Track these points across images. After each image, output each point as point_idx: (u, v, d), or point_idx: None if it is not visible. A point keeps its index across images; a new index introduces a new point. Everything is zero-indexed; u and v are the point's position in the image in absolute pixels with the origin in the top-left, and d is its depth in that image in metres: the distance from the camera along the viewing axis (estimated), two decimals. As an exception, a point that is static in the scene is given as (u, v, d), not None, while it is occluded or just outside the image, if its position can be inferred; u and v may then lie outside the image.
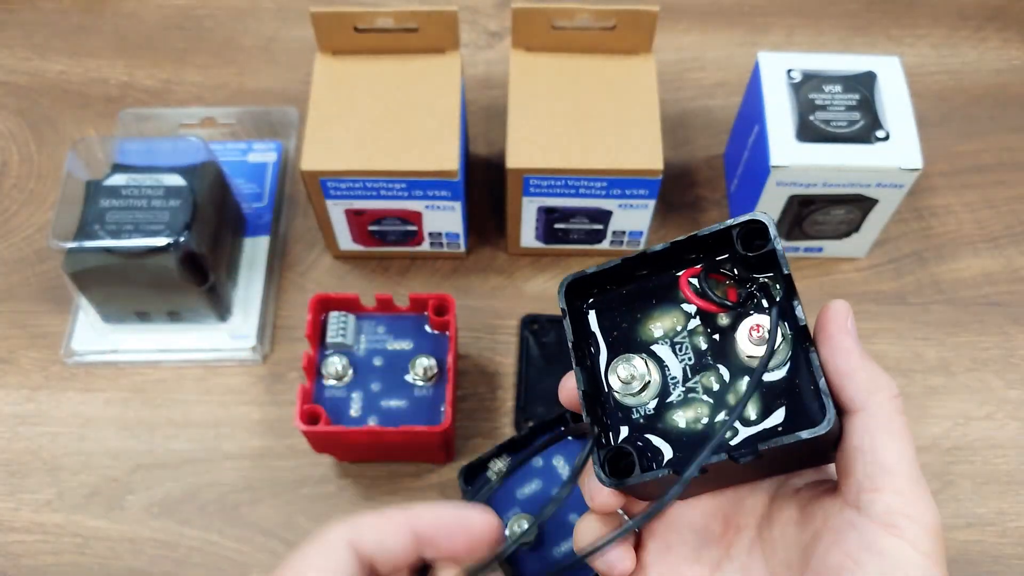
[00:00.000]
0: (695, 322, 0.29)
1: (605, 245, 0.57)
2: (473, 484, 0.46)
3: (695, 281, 0.29)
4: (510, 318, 0.55)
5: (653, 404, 0.28)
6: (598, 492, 0.28)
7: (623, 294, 0.30)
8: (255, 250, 0.57)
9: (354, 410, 0.47)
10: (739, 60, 0.66)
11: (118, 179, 0.50)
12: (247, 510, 0.49)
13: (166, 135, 0.61)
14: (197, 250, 0.49)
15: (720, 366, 0.28)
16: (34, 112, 0.63)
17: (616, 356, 0.29)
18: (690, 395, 0.28)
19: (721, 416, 0.28)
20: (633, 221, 0.54)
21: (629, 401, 0.29)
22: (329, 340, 0.48)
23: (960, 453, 0.51)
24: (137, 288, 0.50)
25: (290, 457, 0.51)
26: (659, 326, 0.29)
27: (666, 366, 0.29)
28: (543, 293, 0.56)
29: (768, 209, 0.53)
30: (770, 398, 0.27)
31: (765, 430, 0.27)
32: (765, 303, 0.28)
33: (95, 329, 0.54)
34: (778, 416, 0.27)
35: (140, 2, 0.68)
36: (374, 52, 0.53)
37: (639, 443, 0.28)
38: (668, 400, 0.28)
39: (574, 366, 0.29)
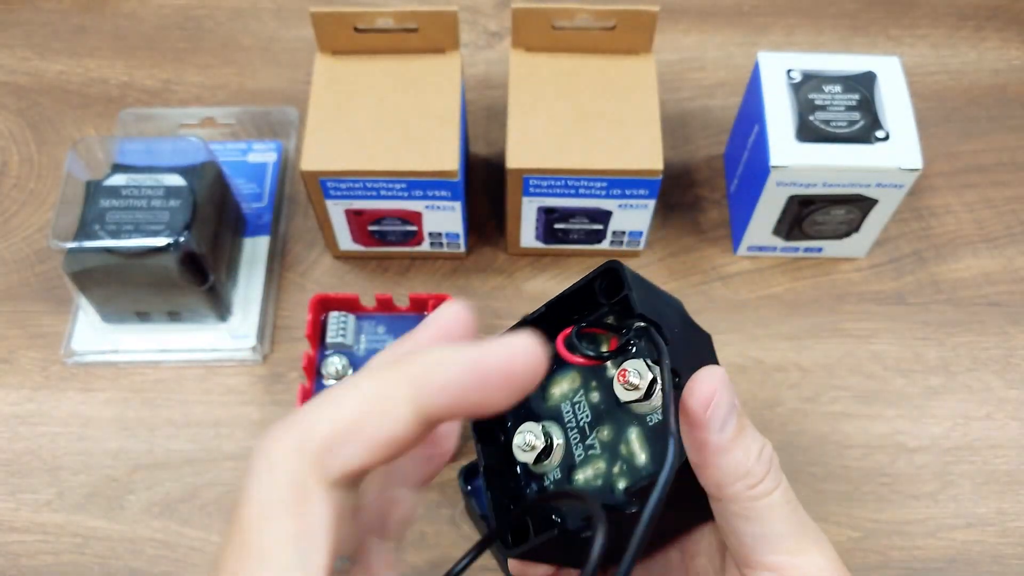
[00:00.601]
0: (588, 378, 0.28)
1: (605, 245, 0.57)
2: (474, 484, 0.46)
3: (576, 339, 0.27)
4: (510, 318, 0.55)
5: (559, 468, 0.28)
6: (514, 567, 0.29)
7: None
8: (255, 250, 0.57)
9: (354, 410, 0.47)
10: (739, 60, 0.66)
11: (118, 179, 0.50)
12: (247, 510, 0.49)
13: (166, 135, 0.61)
14: (197, 250, 0.49)
15: (613, 417, 0.27)
16: (34, 112, 0.63)
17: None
18: (590, 452, 0.27)
19: (616, 468, 0.27)
20: (633, 221, 0.54)
21: (539, 469, 0.28)
22: (329, 340, 0.48)
23: (960, 453, 0.51)
24: (137, 288, 0.50)
25: (290, 457, 0.51)
26: (560, 389, 0.29)
27: (570, 426, 0.28)
28: (543, 293, 0.56)
29: (768, 209, 0.53)
30: (653, 444, 0.26)
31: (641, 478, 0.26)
32: (644, 345, 0.27)
33: (95, 329, 0.54)
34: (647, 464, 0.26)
35: (140, 2, 0.68)
36: (374, 52, 0.53)
37: (548, 509, 0.27)
38: (572, 462, 0.28)
39: (475, 442, 0.28)
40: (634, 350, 0.27)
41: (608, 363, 0.28)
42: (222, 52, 0.66)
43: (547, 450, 0.28)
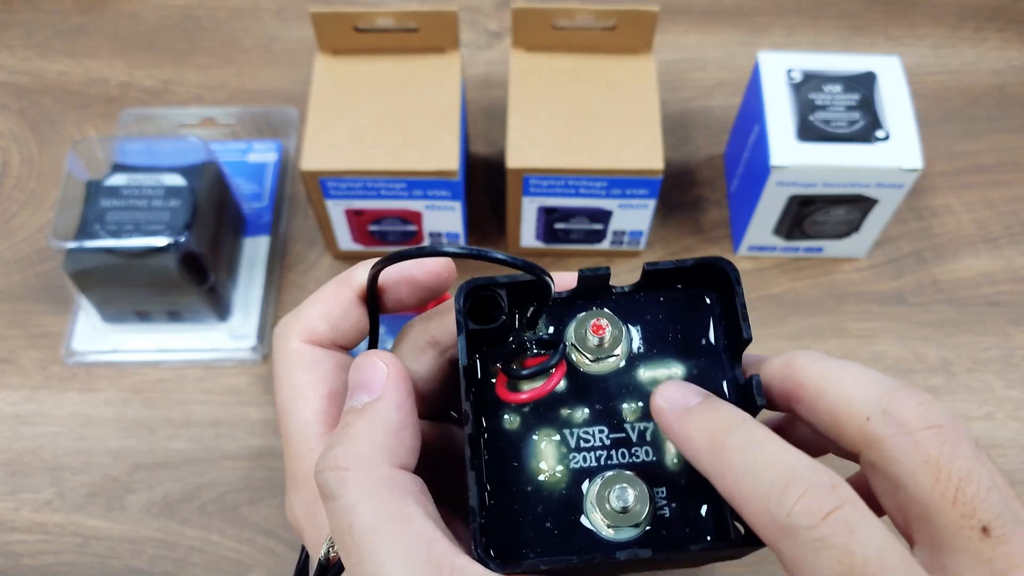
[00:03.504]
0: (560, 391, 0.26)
1: (605, 245, 0.57)
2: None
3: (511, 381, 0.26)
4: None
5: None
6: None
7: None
8: (255, 250, 0.57)
9: (354, 410, 0.47)
10: (739, 60, 0.66)
11: (118, 179, 0.50)
12: (247, 510, 0.49)
13: (166, 135, 0.61)
14: (197, 250, 0.49)
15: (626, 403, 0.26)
16: (35, 112, 0.63)
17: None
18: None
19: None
20: (633, 221, 0.54)
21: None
22: (329, 340, 0.48)
23: (960, 453, 0.51)
24: (137, 288, 0.50)
25: (290, 457, 0.51)
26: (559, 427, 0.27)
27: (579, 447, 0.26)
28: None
29: (768, 209, 0.53)
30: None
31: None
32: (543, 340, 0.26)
33: (95, 329, 0.54)
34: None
35: (140, 2, 0.68)
36: (374, 52, 0.53)
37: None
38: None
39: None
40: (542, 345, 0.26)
41: (554, 375, 0.26)
42: (222, 52, 0.66)
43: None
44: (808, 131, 0.51)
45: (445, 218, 0.53)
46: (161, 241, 0.48)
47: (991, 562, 0.20)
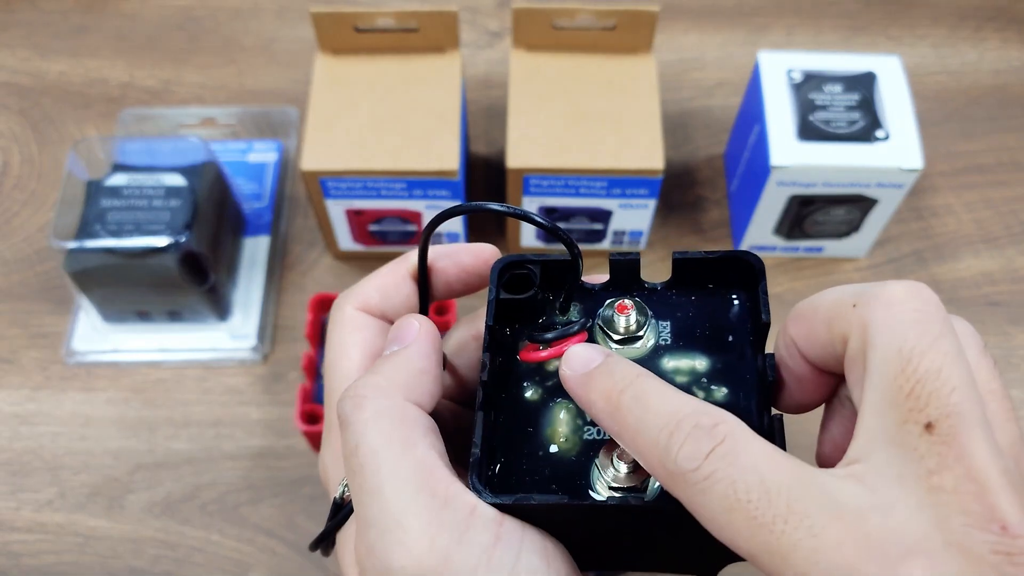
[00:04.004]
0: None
1: (605, 245, 0.57)
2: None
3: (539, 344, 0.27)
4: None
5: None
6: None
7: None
8: (255, 250, 0.57)
9: (354, 410, 0.47)
10: (739, 60, 0.66)
11: (119, 179, 0.50)
12: (247, 510, 0.49)
13: (166, 135, 0.62)
14: (197, 250, 0.49)
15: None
16: (35, 112, 0.63)
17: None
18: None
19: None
20: (634, 221, 0.54)
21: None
22: (329, 340, 0.48)
23: (960, 453, 0.51)
24: (138, 288, 0.51)
25: (290, 457, 0.51)
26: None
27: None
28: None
29: (768, 209, 0.53)
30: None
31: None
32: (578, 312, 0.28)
33: (96, 329, 0.54)
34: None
35: (140, 2, 0.68)
36: (374, 52, 0.53)
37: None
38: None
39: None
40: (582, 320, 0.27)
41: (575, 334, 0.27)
42: (223, 52, 0.66)
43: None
44: (808, 131, 0.51)
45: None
46: (161, 241, 0.48)
47: (921, 459, 0.19)
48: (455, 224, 0.54)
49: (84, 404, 0.52)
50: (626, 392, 0.22)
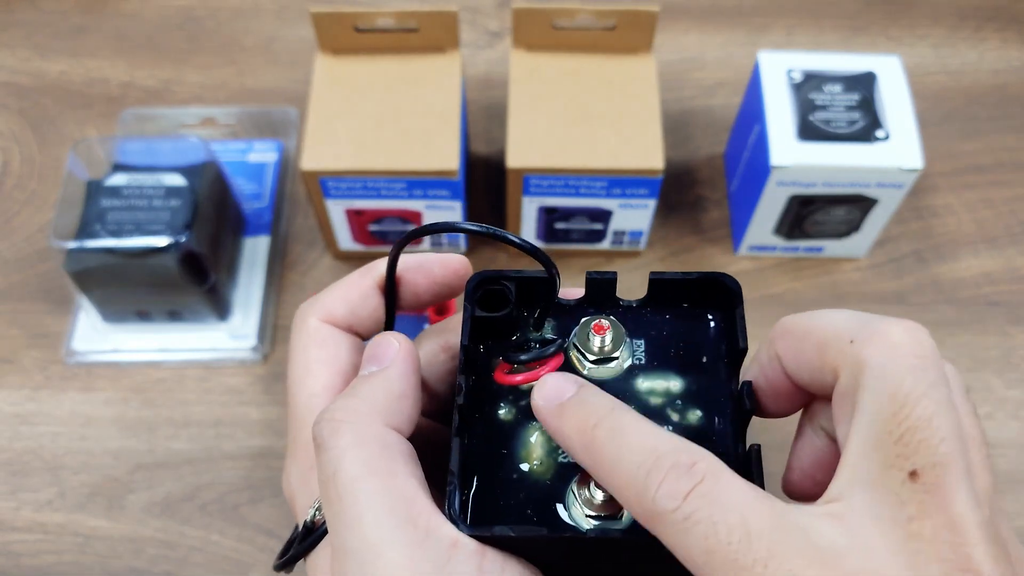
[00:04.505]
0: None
1: (605, 245, 0.57)
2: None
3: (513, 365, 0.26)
4: (510, 318, 0.55)
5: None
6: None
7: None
8: (255, 250, 0.57)
9: (354, 410, 0.47)
10: (739, 60, 0.66)
11: (119, 179, 0.50)
12: (247, 510, 0.49)
13: (167, 135, 0.62)
14: (197, 250, 0.49)
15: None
16: (35, 112, 0.63)
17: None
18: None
19: None
20: (634, 221, 0.54)
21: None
22: (329, 340, 0.48)
23: (960, 453, 0.51)
24: (138, 288, 0.51)
25: (290, 457, 0.51)
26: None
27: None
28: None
29: (769, 209, 0.53)
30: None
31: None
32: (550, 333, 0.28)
33: (96, 329, 0.54)
34: None
35: (140, 2, 0.68)
36: (374, 52, 0.53)
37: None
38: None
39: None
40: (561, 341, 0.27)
41: (550, 358, 0.26)
42: (223, 52, 0.66)
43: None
44: (808, 131, 0.51)
45: (445, 218, 0.53)
46: (161, 241, 0.48)
47: (902, 505, 0.19)
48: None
49: (84, 404, 0.52)
50: (600, 426, 0.22)
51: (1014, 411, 0.53)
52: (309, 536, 0.26)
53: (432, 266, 0.28)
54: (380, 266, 0.29)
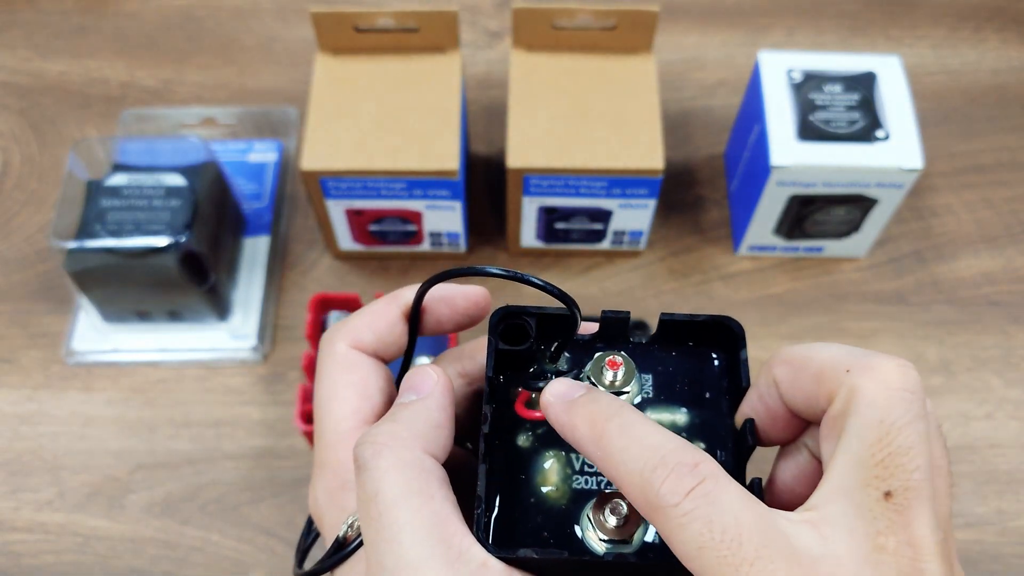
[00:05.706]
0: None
1: (605, 245, 0.57)
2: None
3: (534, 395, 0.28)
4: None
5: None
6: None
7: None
8: (255, 250, 0.57)
9: (354, 410, 0.47)
10: (739, 60, 0.66)
11: (119, 179, 0.50)
12: (247, 510, 0.49)
13: (167, 135, 0.62)
14: (197, 250, 0.49)
15: None
16: (35, 112, 0.63)
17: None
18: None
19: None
20: (634, 221, 0.54)
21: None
22: (329, 340, 0.48)
23: (960, 453, 0.51)
24: (138, 288, 0.51)
25: (290, 457, 0.51)
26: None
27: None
28: (543, 293, 0.56)
29: (769, 209, 0.53)
30: None
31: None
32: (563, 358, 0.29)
33: (96, 329, 0.54)
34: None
35: (140, 2, 0.68)
36: (374, 52, 0.53)
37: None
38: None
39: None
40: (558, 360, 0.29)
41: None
42: (223, 52, 0.66)
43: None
44: (808, 131, 0.51)
45: (445, 218, 0.53)
46: (161, 241, 0.48)
47: (873, 520, 0.21)
48: (455, 223, 0.54)
49: (84, 404, 0.52)
50: (612, 420, 0.24)
51: (1014, 411, 0.53)
52: (340, 551, 0.27)
53: (455, 298, 0.30)
54: (405, 295, 0.30)
